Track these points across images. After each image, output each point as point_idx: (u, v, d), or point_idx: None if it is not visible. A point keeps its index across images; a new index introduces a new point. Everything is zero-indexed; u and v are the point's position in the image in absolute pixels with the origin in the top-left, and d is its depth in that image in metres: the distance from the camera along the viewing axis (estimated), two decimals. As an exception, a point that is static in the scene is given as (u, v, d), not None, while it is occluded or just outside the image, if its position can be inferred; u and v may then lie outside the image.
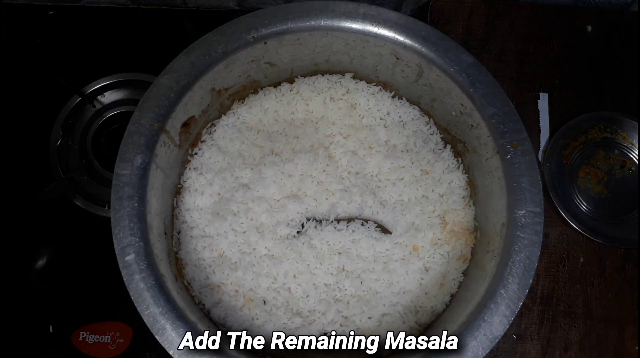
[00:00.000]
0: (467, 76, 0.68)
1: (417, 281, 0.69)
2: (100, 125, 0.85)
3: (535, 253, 0.61)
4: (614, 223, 0.81)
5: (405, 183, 0.73)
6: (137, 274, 0.57)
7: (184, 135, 0.70)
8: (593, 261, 0.79)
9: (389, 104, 0.78)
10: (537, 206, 0.63)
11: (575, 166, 0.83)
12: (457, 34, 0.88)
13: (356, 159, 0.74)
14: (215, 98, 0.74)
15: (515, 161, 0.64)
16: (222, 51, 0.68)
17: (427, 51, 0.69)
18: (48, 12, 0.92)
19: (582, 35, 0.90)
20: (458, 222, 0.72)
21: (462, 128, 0.73)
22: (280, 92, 0.78)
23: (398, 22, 0.70)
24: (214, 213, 0.71)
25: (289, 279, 0.68)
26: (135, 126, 0.63)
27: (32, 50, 0.89)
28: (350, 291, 0.68)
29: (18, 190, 0.82)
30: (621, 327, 0.76)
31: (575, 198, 0.82)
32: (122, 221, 0.59)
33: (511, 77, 0.87)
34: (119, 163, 0.61)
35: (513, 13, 0.90)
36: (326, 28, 0.70)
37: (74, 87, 0.84)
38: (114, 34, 0.91)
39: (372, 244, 0.70)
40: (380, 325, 0.67)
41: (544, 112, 0.85)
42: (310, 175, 0.73)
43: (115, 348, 0.71)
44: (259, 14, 0.69)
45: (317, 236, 0.70)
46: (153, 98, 0.65)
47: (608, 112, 0.85)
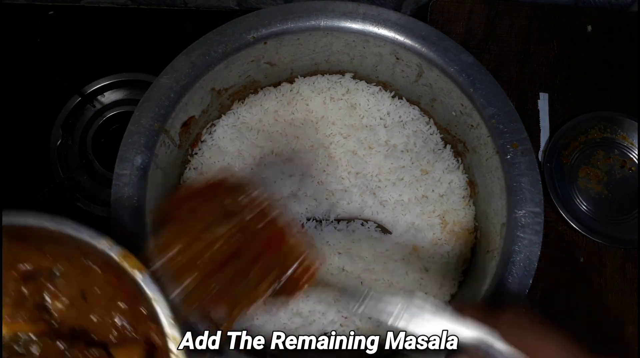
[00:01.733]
0: (467, 76, 0.68)
1: (417, 281, 0.69)
2: (100, 125, 0.85)
3: (535, 253, 0.61)
4: (614, 223, 0.81)
5: (405, 183, 0.73)
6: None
7: (184, 135, 0.70)
8: (593, 261, 0.79)
9: (389, 104, 0.78)
10: (537, 206, 0.63)
11: (575, 166, 0.83)
12: (457, 34, 0.88)
13: (356, 159, 0.74)
14: (215, 98, 0.74)
15: (515, 161, 0.65)
16: (222, 51, 0.68)
17: (427, 50, 0.69)
18: (48, 12, 0.92)
19: (582, 35, 0.90)
20: (458, 222, 0.72)
21: (462, 128, 0.73)
22: (280, 92, 0.78)
23: (398, 22, 0.70)
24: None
25: (289, 279, 0.68)
26: (135, 126, 0.63)
27: (32, 50, 0.89)
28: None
29: (18, 190, 0.82)
30: (621, 327, 0.76)
31: (575, 198, 0.82)
32: (122, 221, 0.59)
33: (511, 77, 0.87)
34: (119, 163, 0.61)
35: (513, 13, 0.90)
36: (326, 28, 0.70)
37: (74, 87, 0.84)
38: (114, 34, 0.91)
39: (372, 244, 0.70)
40: (380, 325, 0.67)
41: (544, 112, 0.85)
42: (310, 175, 0.73)
43: (115, 348, 0.71)
44: (259, 14, 0.69)
45: (317, 236, 0.70)
46: (153, 98, 0.65)
47: (608, 112, 0.85)
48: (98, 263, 0.51)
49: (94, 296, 0.50)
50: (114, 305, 0.50)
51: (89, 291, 0.51)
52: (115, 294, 0.51)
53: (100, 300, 0.50)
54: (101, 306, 0.50)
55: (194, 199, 0.48)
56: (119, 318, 0.50)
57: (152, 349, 0.50)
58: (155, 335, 0.48)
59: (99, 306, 0.50)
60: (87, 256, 0.51)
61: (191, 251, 0.45)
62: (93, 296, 0.50)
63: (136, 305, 0.50)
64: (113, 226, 0.59)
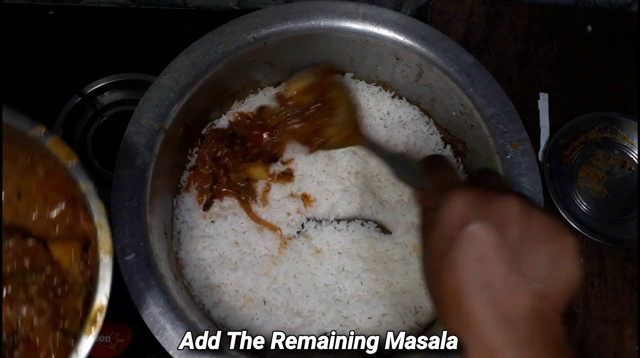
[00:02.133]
0: (467, 76, 0.68)
1: (417, 281, 0.69)
2: (100, 125, 0.85)
3: (535, 253, 0.61)
4: (614, 223, 0.81)
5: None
6: (137, 274, 0.57)
7: (184, 135, 0.70)
8: (593, 261, 0.79)
9: (389, 104, 0.78)
10: (537, 206, 0.63)
11: (575, 166, 0.83)
12: (457, 34, 0.88)
13: (356, 159, 0.74)
14: (216, 98, 0.74)
15: (515, 161, 0.65)
16: (222, 51, 0.68)
17: (427, 50, 0.69)
18: (48, 12, 0.92)
19: (582, 35, 0.90)
20: (458, 222, 0.72)
21: (462, 128, 0.73)
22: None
23: (398, 22, 0.70)
24: (214, 213, 0.71)
25: (289, 279, 0.68)
26: (135, 126, 0.63)
27: (32, 50, 0.89)
28: (350, 291, 0.68)
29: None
30: (621, 327, 0.76)
31: (575, 198, 0.82)
32: (122, 221, 0.59)
33: (511, 77, 0.87)
34: (119, 163, 0.61)
35: (513, 13, 0.90)
36: (326, 28, 0.70)
37: (74, 87, 0.84)
38: (113, 34, 0.91)
39: (372, 244, 0.70)
40: (380, 325, 0.67)
41: (544, 112, 0.85)
42: (310, 175, 0.73)
43: (115, 348, 0.71)
44: (259, 14, 0.69)
45: (317, 236, 0.70)
46: (153, 98, 0.65)
47: (608, 112, 0.85)
48: (43, 164, 0.55)
49: (30, 195, 0.55)
50: (52, 205, 0.56)
51: (25, 190, 0.56)
52: (52, 195, 0.56)
53: (36, 200, 0.56)
54: (39, 205, 0.55)
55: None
56: (57, 218, 0.55)
57: (87, 245, 0.55)
58: (86, 223, 0.53)
59: (37, 206, 0.55)
60: (33, 157, 0.55)
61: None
62: (29, 195, 0.55)
63: (74, 205, 0.56)
64: (113, 226, 0.59)
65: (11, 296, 0.51)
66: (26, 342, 0.51)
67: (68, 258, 0.53)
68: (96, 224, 0.50)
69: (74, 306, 0.53)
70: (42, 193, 0.56)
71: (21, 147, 0.55)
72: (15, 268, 0.52)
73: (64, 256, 0.54)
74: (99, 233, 0.49)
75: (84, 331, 0.47)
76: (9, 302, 0.51)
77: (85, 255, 0.54)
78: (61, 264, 0.54)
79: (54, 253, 0.54)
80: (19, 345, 0.51)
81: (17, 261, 0.53)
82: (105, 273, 0.49)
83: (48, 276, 0.53)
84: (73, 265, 0.53)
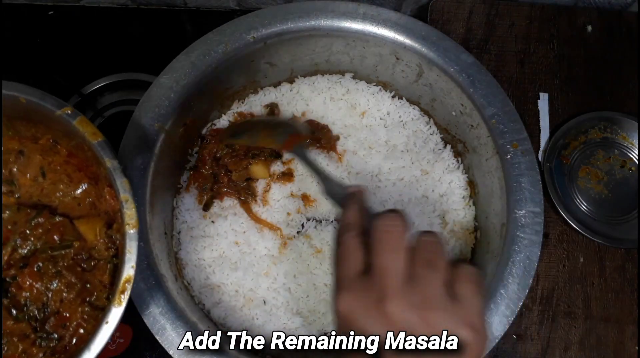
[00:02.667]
0: (467, 76, 0.68)
1: (417, 281, 0.69)
2: (100, 125, 0.85)
3: (535, 253, 0.61)
4: (614, 223, 0.81)
5: (405, 183, 0.73)
6: (137, 274, 0.57)
7: (184, 135, 0.70)
8: (593, 261, 0.79)
9: (389, 104, 0.78)
10: (537, 206, 0.63)
11: (575, 166, 0.83)
12: (457, 34, 0.88)
13: (356, 159, 0.74)
14: (216, 98, 0.74)
15: (515, 161, 0.65)
16: (222, 51, 0.68)
17: (427, 50, 0.69)
18: (48, 12, 0.92)
19: (582, 35, 0.90)
20: (458, 222, 0.72)
21: (462, 128, 0.73)
22: (280, 92, 0.78)
23: (398, 22, 0.70)
24: (214, 213, 0.71)
25: (289, 279, 0.68)
26: (135, 126, 0.63)
27: (32, 50, 0.89)
28: (350, 291, 0.68)
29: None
30: (621, 327, 0.76)
31: (575, 198, 0.82)
32: (122, 221, 0.59)
33: (511, 77, 0.87)
34: (119, 163, 0.61)
35: (513, 13, 0.90)
36: (326, 28, 0.70)
37: (74, 87, 0.84)
38: (114, 34, 0.91)
39: (372, 244, 0.70)
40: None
41: (544, 112, 0.85)
42: (311, 175, 0.73)
43: (115, 348, 0.71)
44: (259, 14, 0.69)
45: (317, 236, 0.70)
46: (153, 98, 0.65)
47: (608, 112, 0.85)
48: (65, 144, 0.58)
49: (54, 174, 0.58)
50: (76, 184, 0.59)
51: (49, 169, 0.59)
52: (76, 175, 0.59)
53: (60, 179, 0.58)
54: (63, 184, 0.58)
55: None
56: (80, 196, 0.59)
57: (112, 221, 0.57)
58: (111, 199, 0.55)
59: (61, 184, 0.58)
60: (56, 136, 0.58)
61: None
62: (53, 174, 0.58)
63: (97, 184, 0.58)
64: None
65: (41, 271, 0.53)
66: (56, 315, 0.53)
67: (93, 234, 0.56)
68: (122, 199, 0.51)
69: (101, 280, 0.55)
70: (66, 172, 0.59)
71: (44, 127, 0.57)
72: (45, 243, 0.55)
73: (89, 232, 0.56)
74: (124, 207, 0.51)
75: (113, 301, 0.49)
76: (40, 277, 0.53)
77: (109, 232, 0.56)
78: (87, 240, 0.56)
79: (80, 229, 0.56)
80: (49, 318, 0.53)
81: (47, 236, 0.55)
82: (131, 245, 0.51)
83: (76, 251, 0.55)
84: (98, 241, 0.55)
